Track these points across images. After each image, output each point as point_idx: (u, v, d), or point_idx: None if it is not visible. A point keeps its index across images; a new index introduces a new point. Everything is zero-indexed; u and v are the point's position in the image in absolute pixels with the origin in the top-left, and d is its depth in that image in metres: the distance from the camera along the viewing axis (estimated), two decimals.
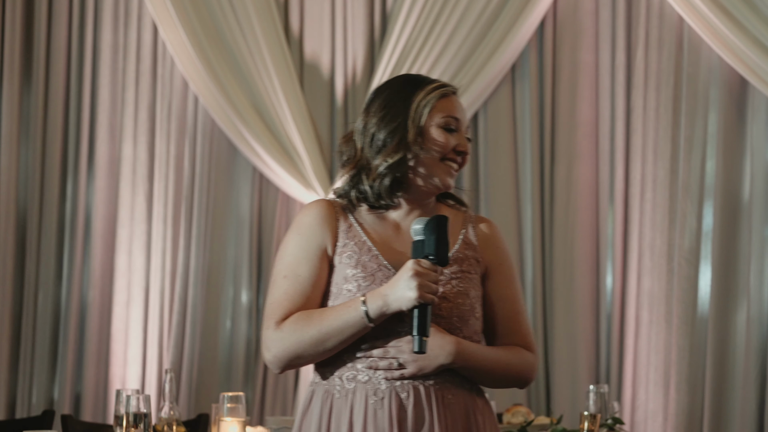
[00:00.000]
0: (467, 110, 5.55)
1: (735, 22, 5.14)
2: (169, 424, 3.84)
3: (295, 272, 2.44)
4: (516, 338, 2.52)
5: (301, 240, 2.46)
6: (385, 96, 2.50)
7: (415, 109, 2.46)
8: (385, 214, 2.50)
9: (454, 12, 5.56)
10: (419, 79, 2.53)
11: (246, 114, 5.57)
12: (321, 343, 2.38)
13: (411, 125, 2.45)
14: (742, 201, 5.28)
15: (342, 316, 2.37)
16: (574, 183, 5.53)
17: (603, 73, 5.52)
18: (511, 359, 2.50)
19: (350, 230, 2.47)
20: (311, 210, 2.49)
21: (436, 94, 2.48)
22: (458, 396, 2.43)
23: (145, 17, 5.81)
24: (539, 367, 5.51)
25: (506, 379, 2.51)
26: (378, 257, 2.44)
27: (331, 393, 2.44)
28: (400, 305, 2.33)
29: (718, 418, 5.23)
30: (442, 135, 2.46)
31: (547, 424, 4.13)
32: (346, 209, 2.50)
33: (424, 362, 2.38)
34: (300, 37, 5.81)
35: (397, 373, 2.39)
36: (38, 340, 5.72)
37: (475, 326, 2.47)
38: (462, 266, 2.47)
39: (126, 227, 5.73)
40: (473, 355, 2.43)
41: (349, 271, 2.43)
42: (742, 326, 5.21)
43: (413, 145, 2.45)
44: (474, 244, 2.52)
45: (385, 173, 2.45)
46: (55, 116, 5.78)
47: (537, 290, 5.53)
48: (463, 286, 2.45)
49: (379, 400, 2.39)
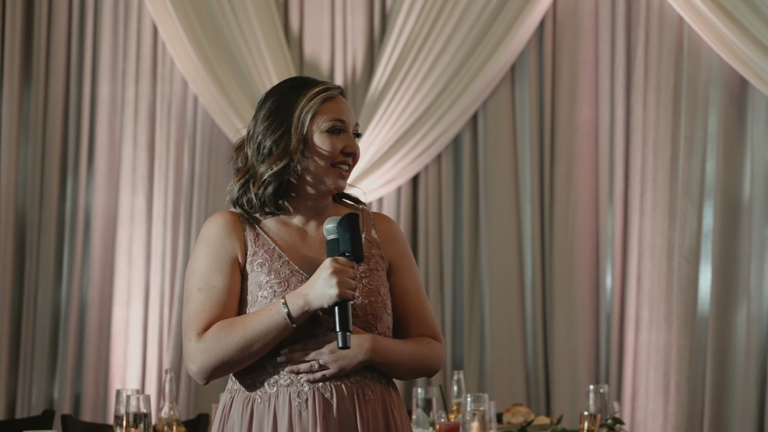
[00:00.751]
0: (467, 110, 5.58)
1: (735, 22, 5.14)
2: (169, 424, 3.84)
3: (209, 283, 2.47)
4: (423, 329, 2.58)
5: (211, 251, 2.49)
6: (270, 103, 2.53)
7: (298, 116, 2.50)
8: (287, 220, 2.54)
9: (454, 12, 5.56)
10: (303, 83, 2.54)
11: (246, 114, 5.57)
12: (246, 349, 2.41)
13: (294, 133, 2.49)
14: (742, 201, 5.28)
15: (265, 320, 2.40)
16: (574, 183, 5.53)
17: (603, 74, 5.52)
18: (424, 351, 2.55)
19: (258, 239, 2.51)
20: (216, 222, 2.52)
21: (318, 99, 2.50)
22: (377, 392, 2.49)
23: (144, 17, 5.81)
24: (539, 367, 5.51)
25: (419, 371, 2.57)
26: (289, 263, 2.48)
27: (251, 399, 2.47)
28: (321, 303, 2.38)
29: (718, 418, 5.23)
30: (327, 141, 2.50)
31: (547, 424, 4.13)
32: (251, 219, 2.54)
33: (345, 362, 2.43)
34: (300, 37, 5.81)
35: (318, 375, 2.43)
36: (38, 340, 5.72)
37: (387, 322, 2.52)
38: (369, 264, 2.53)
39: (126, 227, 5.73)
40: (389, 350, 2.48)
41: (263, 278, 2.46)
42: (742, 326, 5.21)
43: (297, 153, 2.48)
44: (376, 241, 2.58)
45: (269, 181, 2.48)
46: (55, 116, 5.78)
47: (537, 290, 5.53)
48: (373, 284, 2.51)
49: (303, 402, 2.43)
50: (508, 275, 5.56)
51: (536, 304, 5.52)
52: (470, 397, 3.61)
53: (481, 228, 5.61)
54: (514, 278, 5.56)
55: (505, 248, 5.57)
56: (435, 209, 5.66)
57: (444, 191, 5.66)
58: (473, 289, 5.62)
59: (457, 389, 4.16)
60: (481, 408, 3.56)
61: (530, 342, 5.54)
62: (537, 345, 5.52)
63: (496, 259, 5.57)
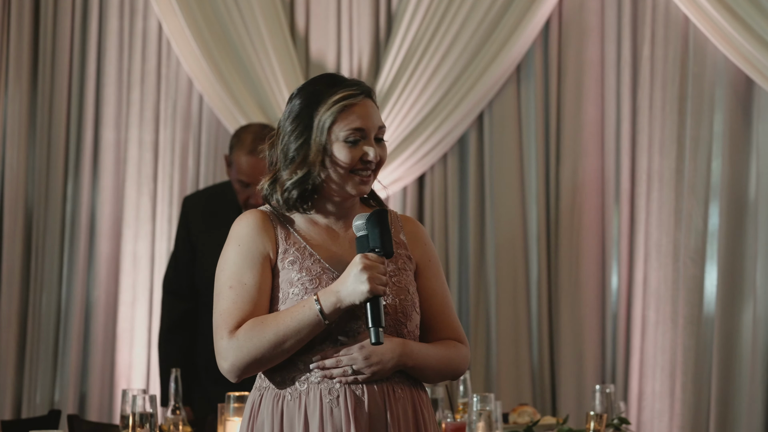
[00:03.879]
0: (472, 110, 5.58)
1: (740, 21, 5.13)
2: (175, 424, 3.84)
3: (240, 281, 2.48)
4: (448, 332, 2.59)
5: (242, 249, 2.50)
6: (298, 103, 2.53)
7: (317, 125, 2.50)
8: (316, 219, 2.56)
9: (460, 11, 5.55)
10: (330, 83, 2.53)
11: (251, 113, 5.57)
12: (279, 345, 2.42)
13: (314, 144, 2.50)
14: (748, 200, 5.28)
15: (297, 316, 2.41)
16: (580, 182, 5.52)
17: (608, 73, 5.51)
18: (451, 354, 2.56)
19: (289, 237, 2.52)
20: (247, 220, 2.54)
21: (337, 108, 2.49)
22: (406, 391, 2.50)
23: (150, 16, 5.81)
24: (545, 367, 5.51)
25: (445, 374, 2.58)
26: (320, 261, 2.49)
27: (281, 396, 2.48)
28: (353, 299, 2.39)
29: (724, 418, 5.22)
30: (344, 151, 2.50)
31: (553, 424, 4.13)
32: (281, 217, 2.55)
33: (378, 367, 2.44)
34: (305, 37, 5.81)
35: (351, 378, 2.44)
36: (43, 340, 5.72)
37: (416, 320, 2.54)
38: (397, 264, 2.54)
39: (131, 227, 5.74)
40: (419, 354, 2.49)
41: (294, 276, 2.48)
42: (748, 325, 5.21)
43: (317, 163, 2.49)
44: (404, 242, 2.59)
45: (291, 188, 2.51)
46: (60, 116, 5.78)
47: (543, 290, 5.52)
48: (403, 283, 2.52)
49: (334, 399, 2.44)
50: (514, 275, 5.55)
51: (542, 304, 5.52)
52: (476, 397, 3.61)
53: (486, 227, 5.60)
54: (519, 278, 5.55)
55: (510, 248, 5.56)
56: (441, 209, 5.66)
57: (450, 191, 5.66)
58: (479, 289, 5.61)
59: (463, 389, 4.16)
60: (487, 408, 3.56)
61: (536, 342, 5.53)
62: (543, 345, 5.51)
63: (502, 258, 5.57)
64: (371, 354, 2.42)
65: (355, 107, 2.50)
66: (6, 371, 5.69)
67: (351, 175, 2.51)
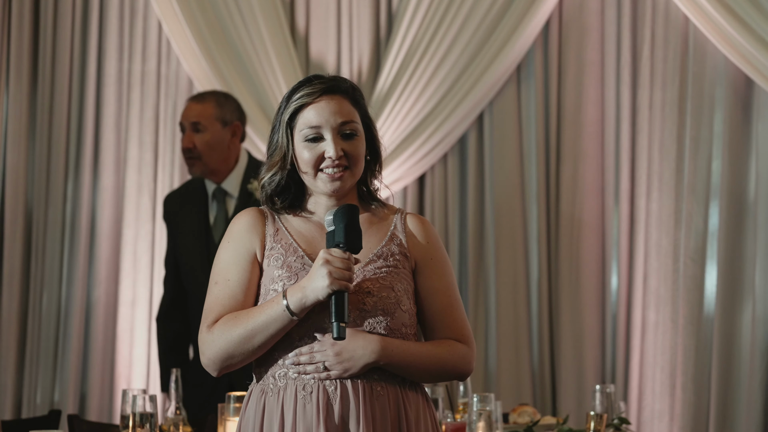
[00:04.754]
0: (472, 110, 5.57)
1: (740, 21, 5.13)
2: (175, 424, 3.84)
3: (225, 277, 2.53)
4: (449, 331, 2.57)
5: (231, 246, 2.56)
6: (280, 104, 2.61)
7: (280, 128, 2.57)
8: (309, 216, 2.60)
9: (460, 12, 5.55)
10: (294, 89, 2.58)
11: (251, 113, 5.57)
12: (248, 341, 2.46)
13: (279, 147, 2.58)
14: (748, 201, 5.28)
15: (266, 311, 2.45)
16: (580, 183, 5.52)
17: (608, 73, 5.52)
18: (441, 353, 2.54)
19: (278, 234, 2.56)
20: (241, 218, 2.60)
21: (292, 109, 2.55)
22: (388, 389, 2.49)
23: (150, 17, 5.81)
24: (545, 367, 5.50)
25: (439, 373, 2.56)
26: (303, 257, 2.52)
27: (264, 392, 2.52)
28: (316, 295, 2.40)
29: (724, 418, 5.22)
30: (303, 150, 2.55)
31: (554, 424, 4.12)
32: (275, 215, 2.60)
33: (349, 364, 2.45)
34: (306, 37, 5.81)
35: (323, 375, 2.46)
36: (44, 340, 5.72)
37: (402, 318, 2.51)
38: (387, 261, 2.53)
39: (131, 227, 5.73)
40: (398, 352, 2.48)
41: (276, 272, 2.51)
42: (747, 326, 5.21)
43: (286, 164, 2.56)
44: (401, 240, 2.58)
45: (265, 186, 2.59)
46: (60, 117, 5.78)
47: (543, 290, 5.52)
48: (389, 280, 2.51)
49: (308, 395, 2.46)
50: (514, 275, 5.56)
51: (542, 304, 5.52)
52: (476, 397, 3.61)
53: (486, 227, 5.60)
54: (520, 278, 5.55)
55: (510, 248, 5.57)
56: (441, 209, 5.66)
57: (450, 191, 5.66)
58: (479, 289, 5.61)
59: (463, 389, 4.16)
60: (487, 408, 3.56)
61: (536, 342, 5.53)
62: (543, 345, 5.51)
63: (502, 258, 5.57)
64: (342, 350, 2.44)
65: (312, 105, 2.53)
66: (6, 371, 5.69)
67: (318, 174, 2.54)
